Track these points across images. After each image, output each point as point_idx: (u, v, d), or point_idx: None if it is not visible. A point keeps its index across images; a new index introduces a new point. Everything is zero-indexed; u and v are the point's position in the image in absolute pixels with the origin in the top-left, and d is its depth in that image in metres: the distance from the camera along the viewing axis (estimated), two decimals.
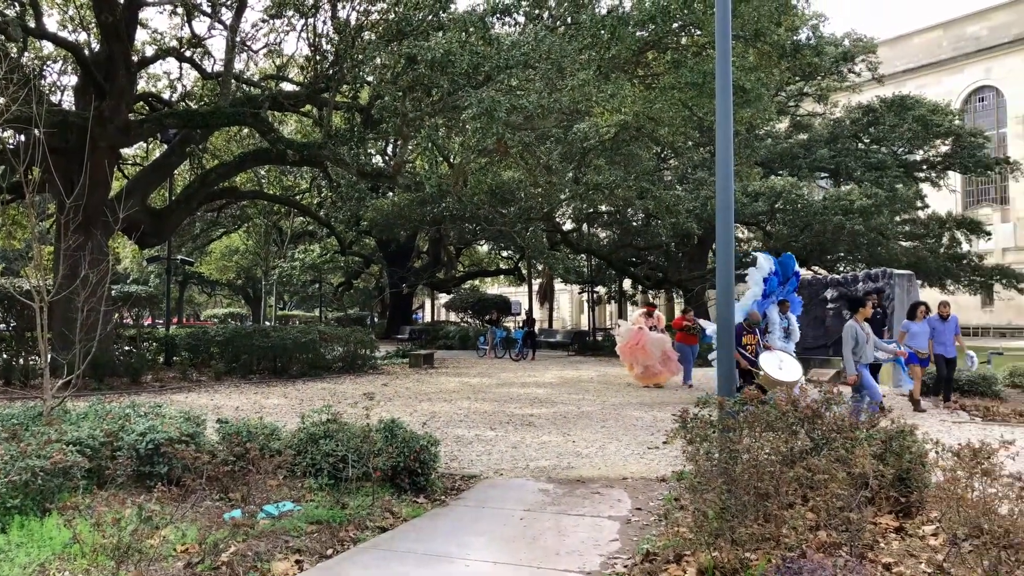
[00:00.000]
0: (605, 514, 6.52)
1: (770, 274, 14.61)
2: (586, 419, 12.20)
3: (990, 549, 4.37)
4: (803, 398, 6.05)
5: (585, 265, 36.99)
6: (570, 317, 79.83)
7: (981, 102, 55.31)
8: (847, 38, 33.75)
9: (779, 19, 14.07)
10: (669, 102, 14.17)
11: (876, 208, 27.10)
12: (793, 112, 36.61)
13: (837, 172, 33.30)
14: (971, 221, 35.87)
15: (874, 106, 33.68)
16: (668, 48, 14.73)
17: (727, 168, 7.19)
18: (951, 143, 34.24)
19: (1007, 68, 53.12)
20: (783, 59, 16.05)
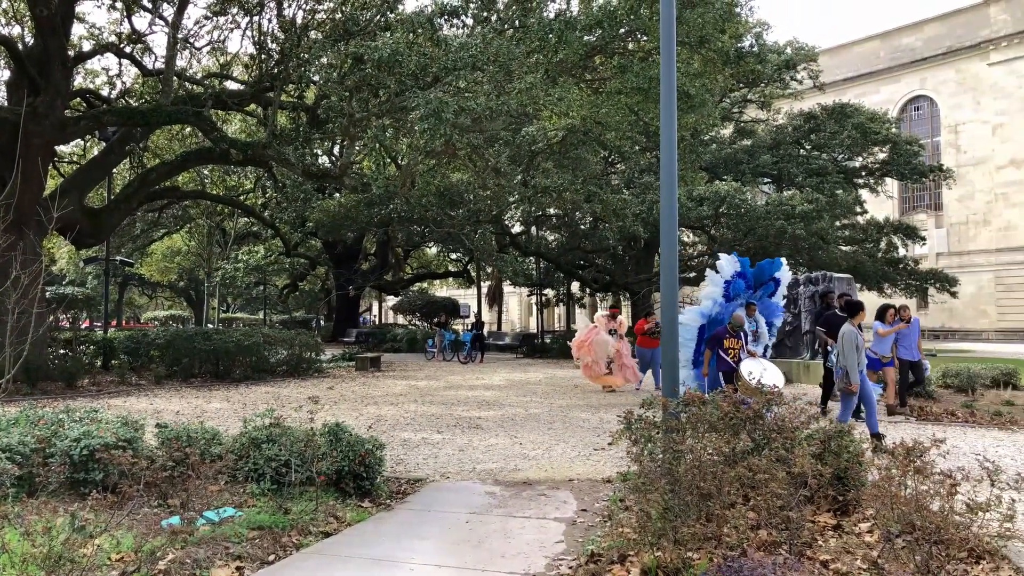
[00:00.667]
0: (551, 516, 6.53)
1: (733, 277, 14.33)
2: (533, 421, 12.23)
3: (922, 545, 4.50)
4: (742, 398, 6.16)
5: (534, 268, 37.11)
6: (519, 319, 80.00)
7: (917, 111, 57.06)
8: (789, 46, 34.50)
9: (723, 26, 14.31)
10: (616, 107, 14.30)
11: (817, 213, 27.74)
12: (737, 118, 37.28)
13: (779, 178, 34.01)
14: (907, 226, 36.97)
15: (815, 113, 34.50)
16: (615, 53, 14.86)
17: (671, 172, 7.27)
18: (888, 150, 35.25)
19: (940, 79, 54.90)
20: (727, 66, 16.35)
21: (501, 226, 31.22)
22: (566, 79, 14.29)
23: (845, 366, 9.71)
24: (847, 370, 9.72)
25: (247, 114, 22.73)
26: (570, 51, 13.21)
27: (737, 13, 15.83)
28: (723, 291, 14.24)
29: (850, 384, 9.64)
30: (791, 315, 18.53)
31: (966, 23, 53.42)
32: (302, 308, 56.93)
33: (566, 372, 22.31)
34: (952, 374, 15.30)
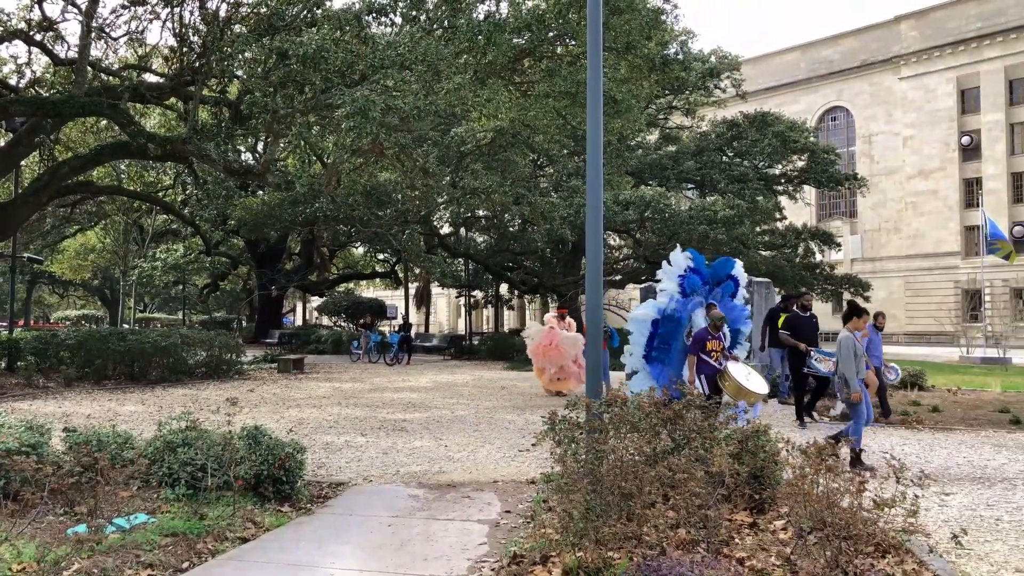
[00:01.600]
0: (474, 518, 6.51)
1: (687, 271, 13.81)
2: (459, 423, 12.18)
3: (832, 541, 4.64)
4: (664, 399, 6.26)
5: (463, 269, 37.04)
6: (447, 321, 79.73)
7: (834, 121, 59.16)
8: (714, 55, 35.33)
9: (649, 33, 14.54)
10: (544, 110, 14.38)
11: (738, 219, 28.46)
12: (663, 125, 37.98)
13: (703, 183, 34.78)
14: (824, 233, 38.29)
15: (738, 121, 35.40)
16: (544, 57, 14.95)
17: (597, 176, 7.34)
18: (807, 159, 36.44)
19: (856, 91, 57.06)
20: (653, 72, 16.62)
21: (430, 227, 31.07)
22: (495, 81, 14.30)
23: (844, 374, 8.91)
24: (847, 379, 8.87)
25: (167, 108, 22.03)
26: (499, 53, 13.23)
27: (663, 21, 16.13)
28: (679, 286, 13.77)
29: (851, 393, 8.81)
30: None
31: (879, 38, 55.67)
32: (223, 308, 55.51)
33: (494, 374, 22.33)
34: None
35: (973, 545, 5.57)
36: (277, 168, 23.17)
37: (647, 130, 34.86)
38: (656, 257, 31.88)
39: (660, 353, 13.85)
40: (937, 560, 4.98)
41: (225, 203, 26.20)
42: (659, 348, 13.89)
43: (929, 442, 10.33)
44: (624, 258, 36.44)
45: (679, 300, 13.71)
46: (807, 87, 59.22)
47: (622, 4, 12.98)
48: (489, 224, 33.89)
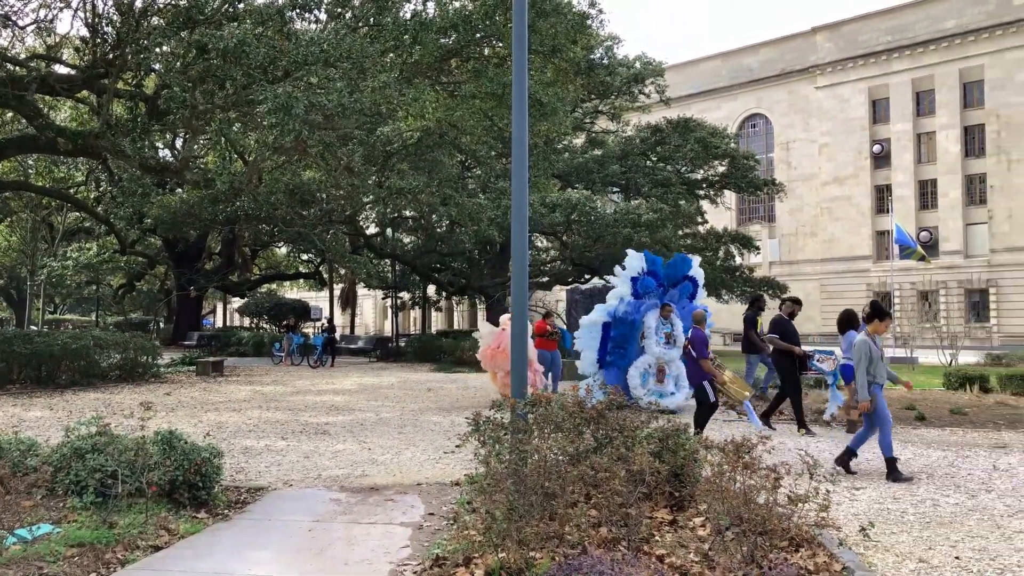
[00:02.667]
0: (398, 521, 6.44)
1: (641, 273, 13.65)
2: (384, 426, 12.05)
3: (748, 536, 4.75)
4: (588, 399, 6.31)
5: (389, 270, 36.72)
6: (374, 323, 78.93)
7: (753, 128, 60.89)
8: (638, 61, 35.93)
9: (575, 37, 14.68)
10: (470, 110, 14.36)
11: (661, 222, 29.01)
12: (589, 128, 38.43)
13: (628, 187, 35.33)
14: (743, 236, 39.36)
15: (661, 127, 36.09)
16: (471, 57, 14.94)
17: (522, 177, 7.35)
18: (728, 164, 37.42)
19: (774, 99, 58.85)
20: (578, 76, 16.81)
21: (355, 227, 30.69)
22: (421, 80, 14.21)
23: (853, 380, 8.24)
24: (856, 386, 8.15)
25: (79, 101, 21.18)
26: (425, 52, 13.16)
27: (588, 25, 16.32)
28: (631, 288, 13.60)
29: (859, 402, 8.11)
30: None
31: (797, 48, 57.55)
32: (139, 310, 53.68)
33: (420, 376, 22.18)
34: None
35: (880, 537, 5.78)
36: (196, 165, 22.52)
37: (573, 133, 35.23)
38: (582, 259, 32.31)
39: (615, 357, 13.76)
40: (847, 553, 5.14)
41: (141, 201, 25.34)
42: (614, 352, 13.77)
43: (841, 439, 10.68)
44: (551, 260, 36.73)
45: (630, 302, 13.59)
46: (728, 94, 60.77)
47: (548, 7, 13.07)
48: (416, 225, 33.69)
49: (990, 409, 13.06)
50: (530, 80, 13.84)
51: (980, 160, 49.39)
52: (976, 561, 5.30)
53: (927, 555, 5.42)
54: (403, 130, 18.66)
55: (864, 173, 53.73)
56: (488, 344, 15.10)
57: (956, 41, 49.64)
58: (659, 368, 13.49)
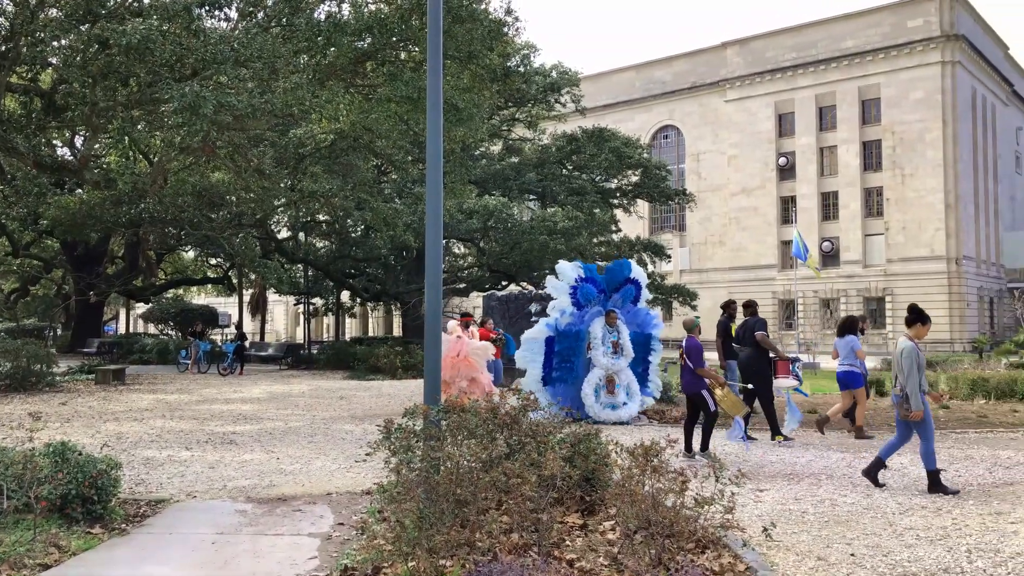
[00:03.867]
0: (306, 531, 6.29)
1: (578, 281, 13.05)
2: (293, 435, 11.77)
3: (656, 539, 4.83)
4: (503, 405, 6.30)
5: (301, 275, 35.99)
6: (285, 329, 77.29)
7: (666, 139, 62.37)
8: (555, 70, 36.32)
9: (491, 44, 14.72)
10: (386, 114, 14.21)
11: (576, 230, 29.39)
12: (506, 136, 38.64)
13: (544, 195, 35.65)
14: (655, 245, 40.20)
15: (577, 136, 36.59)
16: (386, 61, 14.79)
17: (437, 181, 7.30)
18: (640, 174, 38.19)
19: (686, 111, 60.43)
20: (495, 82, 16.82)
21: (266, 231, 29.96)
22: (335, 82, 13.99)
23: (905, 388, 7.77)
24: (908, 393, 7.72)
25: None
26: (340, 54, 12.97)
27: (505, 32, 16.39)
28: (571, 298, 13.03)
29: (911, 410, 7.71)
30: None
31: (708, 62, 59.28)
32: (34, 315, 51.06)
33: (333, 384, 21.79)
34: None
35: (782, 537, 5.96)
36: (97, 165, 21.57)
37: (490, 140, 35.34)
38: (499, 266, 32.41)
39: (561, 372, 13.18)
40: (750, 553, 5.28)
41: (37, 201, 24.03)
42: (559, 367, 13.16)
43: (818, 446, 10.98)
44: (468, 266, 36.71)
45: (574, 313, 13.01)
46: (642, 105, 62.10)
47: (464, 13, 13.07)
48: (330, 229, 33.11)
49: (885, 412, 13.64)
50: (446, 85, 13.79)
51: (877, 174, 51.85)
52: (870, 557, 5.52)
53: (825, 553, 5.62)
54: (316, 132, 18.30)
55: (770, 184, 55.66)
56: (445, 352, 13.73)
57: (856, 60, 52.03)
58: (608, 379, 12.99)
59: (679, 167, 60.03)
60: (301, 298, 38.45)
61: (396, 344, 28.14)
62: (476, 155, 33.90)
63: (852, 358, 11.48)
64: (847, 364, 11.49)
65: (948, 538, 6.01)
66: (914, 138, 50.03)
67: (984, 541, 5.92)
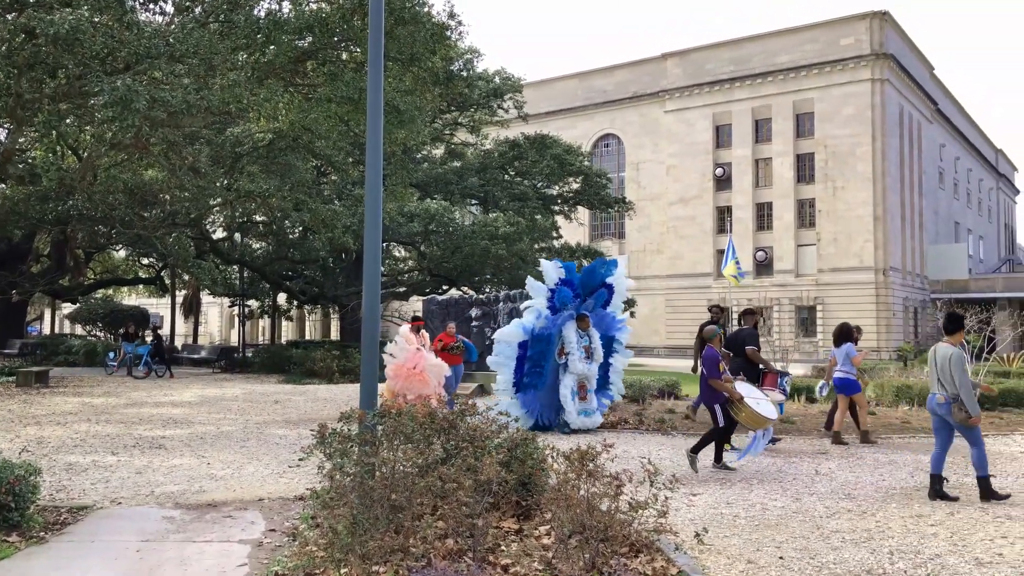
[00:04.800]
0: (236, 538, 6.14)
1: (558, 284, 12.62)
2: (225, 439, 11.51)
3: (591, 543, 4.85)
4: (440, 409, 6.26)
5: (237, 277, 35.27)
6: (220, 332, 75.65)
7: (606, 147, 63.03)
8: (498, 75, 36.39)
9: (434, 47, 14.65)
10: (325, 114, 14.01)
11: (518, 235, 29.46)
12: (448, 140, 38.55)
13: (486, 200, 35.67)
14: (595, 252, 40.48)
15: (519, 142, 36.70)
16: (327, 61, 14.59)
17: (376, 185, 7.24)
18: (581, 181, 38.51)
19: (626, 120, 61.20)
20: (437, 85, 16.76)
21: (201, 230, 29.26)
22: (275, 81, 13.75)
23: (958, 394, 7.67)
24: (964, 399, 7.62)
25: None
26: (279, 52, 12.75)
27: (448, 36, 16.36)
28: (548, 301, 12.58)
29: (971, 416, 7.62)
30: (491, 329, 19.30)
31: (649, 72, 60.15)
32: None
33: (268, 387, 21.39)
34: (627, 385, 16.87)
35: (714, 540, 6.05)
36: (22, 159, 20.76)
37: (432, 144, 35.23)
38: (440, 270, 32.27)
39: (532, 378, 12.75)
40: (682, 557, 5.34)
41: None
42: (530, 372, 12.74)
43: (681, 447, 11.15)
44: (408, 270, 36.48)
45: (548, 317, 12.57)
46: (583, 114, 62.67)
47: (407, 15, 12.98)
48: (267, 230, 32.52)
49: (814, 418, 14.01)
50: (387, 87, 13.68)
51: (810, 186, 53.27)
52: (797, 560, 5.64)
53: (755, 556, 5.72)
54: (254, 131, 17.94)
55: (707, 194, 56.71)
56: (401, 362, 13.22)
57: (791, 75, 53.42)
58: (580, 384, 12.65)
59: (619, 175, 60.74)
60: (236, 300, 37.66)
61: (333, 348, 27.77)
62: (418, 158, 33.74)
63: (849, 365, 11.79)
64: (844, 371, 11.81)
65: (872, 540, 6.19)
66: (845, 152, 51.58)
67: (905, 543, 6.11)
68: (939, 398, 7.83)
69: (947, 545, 6.07)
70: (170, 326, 42.08)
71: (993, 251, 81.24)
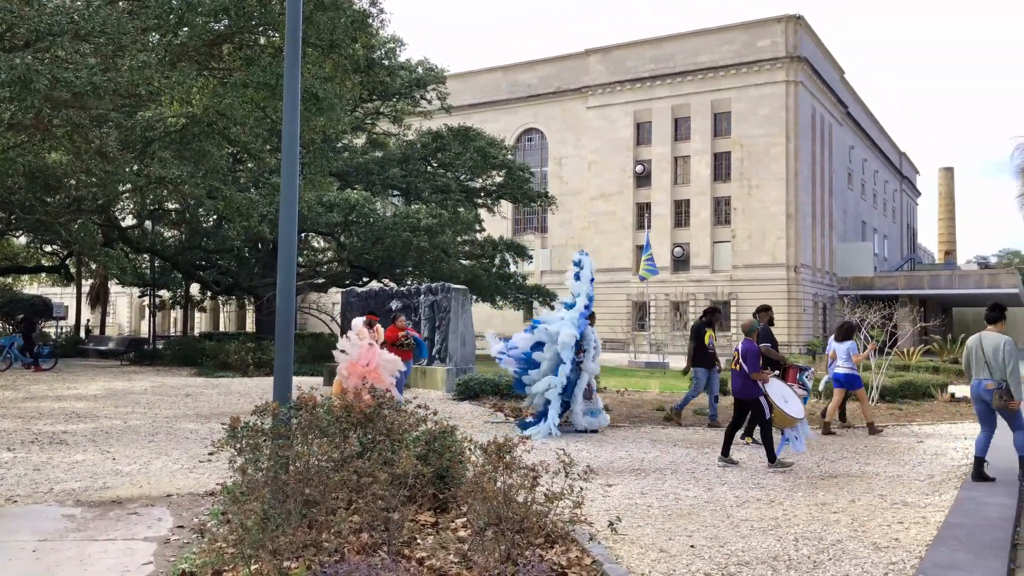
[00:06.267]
0: (141, 536, 5.94)
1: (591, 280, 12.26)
2: (132, 434, 11.11)
3: (507, 535, 4.86)
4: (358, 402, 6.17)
5: (147, 266, 34.06)
6: (129, 323, 73.07)
7: (530, 141, 63.29)
8: (421, 66, 36.08)
9: (355, 34, 14.39)
10: (241, 100, 13.59)
11: (440, 227, 29.29)
12: (370, 130, 38.03)
13: (408, 191, 35.36)
14: (518, 245, 40.71)
15: (443, 134, 36.49)
16: (244, 45, 14.19)
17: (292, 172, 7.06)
18: (504, 175, 38.56)
19: (550, 115, 61.58)
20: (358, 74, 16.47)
21: (109, 217, 28.10)
22: (188, 64, 13.28)
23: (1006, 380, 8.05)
24: (1011, 385, 7.98)
25: None
26: (193, 34, 12.31)
27: (369, 24, 16.08)
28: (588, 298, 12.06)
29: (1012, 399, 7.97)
30: (411, 322, 19.13)
31: (572, 68, 60.63)
32: None
33: (179, 380, 20.73)
34: None
35: (628, 530, 6.15)
36: None
37: (353, 133, 34.70)
38: (360, 261, 31.85)
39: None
40: (597, 547, 5.41)
41: None
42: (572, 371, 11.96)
43: (599, 439, 11.32)
44: (328, 261, 35.87)
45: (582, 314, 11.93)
46: (507, 107, 62.76)
47: (327, 1, 12.73)
48: (180, 218, 31.49)
49: (726, 410, 14.38)
50: (306, 74, 13.38)
51: (726, 184, 54.68)
52: (708, 548, 5.79)
53: (667, 545, 5.84)
54: (167, 115, 17.29)
55: (628, 191, 57.59)
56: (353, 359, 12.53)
57: (709, 75, 54.67)
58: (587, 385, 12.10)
59: (542, 170, 61.09)
60: (147, 290, 36.39)
61: (248, 340, 27.12)
62: (338, 147, 33.16)
63: (851, 361, 12.30)
64: (847, 367, 12.31)
65: (779, 528, 6.40)
66: (760, 152, 53.12)
67: (810, 530, 6.34)
68: (988, 384, 8.13)
69: (848, 531, 6.32)
70: (75, 316, 40.35)
71: (896, 250, 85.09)
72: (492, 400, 15.43)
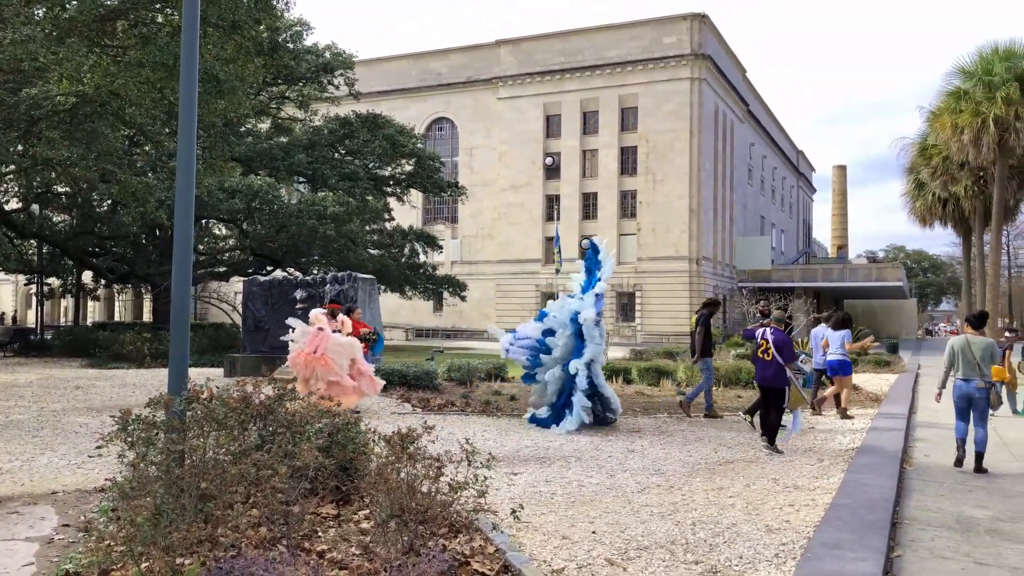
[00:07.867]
0: (22, 536, 5.64)
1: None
2: (15, 428, 10.52)
3: (410, 526, 4.83)
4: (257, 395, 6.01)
5: (35, 252, 32.30)
6: (14, 312, 69.17)
7: (440, 131, 62.94)
8: (328, 51, 35.36)
9: (258, 16, 13.96)
10: (136, 79, 12.99)
11: (348, 216, 28.81)
12: (275, 114, 37.07)
13: (314, 178, 34.63)
14: (428, 235, 40.51)
15: (351, 120, 35.89)
16: (140, 22, 13.57)
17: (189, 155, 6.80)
18: (414, 164, 38.25)
19: (460, 104, 61.37)
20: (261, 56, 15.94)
21: None
22: (78, 40, 12.61)
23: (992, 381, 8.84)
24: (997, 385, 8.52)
25: None
26: (83, 9, 11.68)
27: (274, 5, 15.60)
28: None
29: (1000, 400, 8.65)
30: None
31: (483, 58, 60.56)
32: None
33: (69, 372, 19.75)
34: (455, 368, 17.01)
35: (532, 518, 6.21)
36: None
37: (258, 118, 33.76)
38: (264, 249, 31.03)
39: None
40: (500, 535, 5.44)
41: None
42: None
43: (505, 428, 11.39)
44: (230, 249, 34.80)
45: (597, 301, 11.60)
46: (417, 95, 62.22)
47: None
48: (70, 202, 29.97)
49: (631, 398, 14.73)
50: (207, 54, 12.90)
51: (633, 178, 55.74)
52: (609, 534, 5.90)
53: (569, 532, 5.93)
54: (55, 93, 16.36)
55: (537, 182, 58.01)
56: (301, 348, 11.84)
57: (617, 70, 55.54)
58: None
59: (453, 160, 60.88)
60: (33, 277, 34.52)
61: (145, 330, 26.09)
62: (242, 132, 32.15)
63: (844, 349, 13.20)
64: (840, 353, 13.20)
65: (677, 512, 6.58)
66: (665, 147, 54.34)
67: (707, 514, 6.54)
68: (979, 384, 8.71)
69: (743, 515, 6.56)
70: None
71: (793, 244, 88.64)
72: (400, 391, 15.31)
